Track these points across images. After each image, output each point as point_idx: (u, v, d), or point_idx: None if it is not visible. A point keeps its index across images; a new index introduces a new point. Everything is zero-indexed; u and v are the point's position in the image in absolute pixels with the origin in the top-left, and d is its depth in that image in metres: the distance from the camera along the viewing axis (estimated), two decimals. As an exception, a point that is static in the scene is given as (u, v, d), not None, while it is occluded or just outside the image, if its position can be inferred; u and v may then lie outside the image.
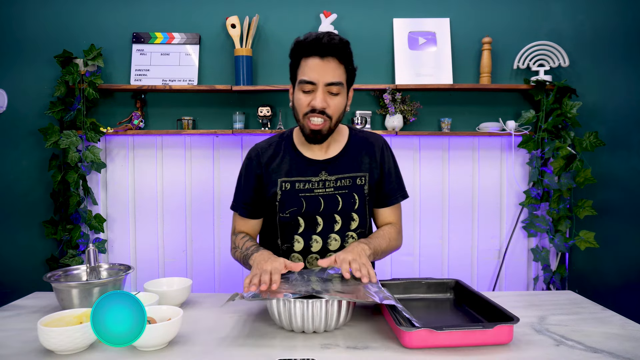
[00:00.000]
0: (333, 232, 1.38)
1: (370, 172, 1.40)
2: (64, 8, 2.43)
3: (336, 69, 1.26)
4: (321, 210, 1.36)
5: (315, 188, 1.37)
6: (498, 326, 0.98)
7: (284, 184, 1.37)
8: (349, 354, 0.97)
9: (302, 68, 1.26)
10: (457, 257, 2.57)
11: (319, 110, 1.26)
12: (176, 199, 2.54)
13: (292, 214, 1.36)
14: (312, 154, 1.39)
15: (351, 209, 1.38)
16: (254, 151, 1.43)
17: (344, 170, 1.38)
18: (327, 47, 1.23)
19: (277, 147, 1.42)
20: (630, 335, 1.06)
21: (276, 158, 1.40)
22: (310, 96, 1.27)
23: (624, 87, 2.47)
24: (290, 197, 1.37)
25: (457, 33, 2.50)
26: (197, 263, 2.56)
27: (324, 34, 1.25)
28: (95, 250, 1.29)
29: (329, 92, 1.27)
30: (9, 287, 2.42)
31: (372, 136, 1.46)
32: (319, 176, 1.37)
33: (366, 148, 1.42)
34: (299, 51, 1.27)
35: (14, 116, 2.42)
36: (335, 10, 2.44)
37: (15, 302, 1.35)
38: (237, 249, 1.38)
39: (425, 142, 2.55)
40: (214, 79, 2.48)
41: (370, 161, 1.41)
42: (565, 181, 2.35)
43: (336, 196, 1.37)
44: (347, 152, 1.40)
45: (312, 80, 1.25)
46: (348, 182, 1.38)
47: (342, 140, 1.43)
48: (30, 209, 2.45)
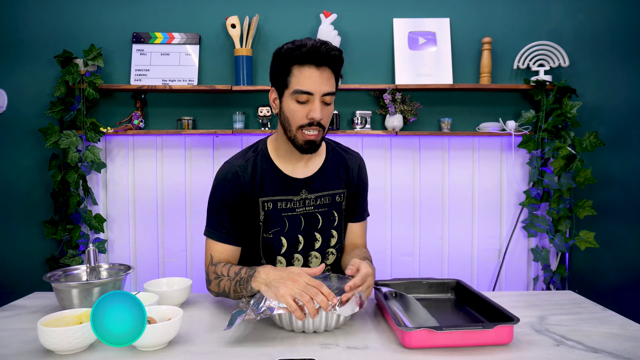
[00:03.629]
0: (314, 249, 1.36)
1: (348, 188, 1.40)
2: (64, 8, 2.43)
3: (330, 78, 1.21)
4: (301, 229, 1.33)
5: (296, 207, 1.33)
6: (498, 326, 0.98)
7: (266, 203, 1.31)
8: (349, 354, 0.97)
9: (296, 77, 1.19)
10: (457, 257, 2.57)
11: (316, 123, 1.21)
12: (176, 199, 2.54)
13: (275, 234, 1.32)
14: (291, 170, 1.33)
15: (330, 226, 1.37)
16: (230, 169, 1.31)
17: (323, 187, 1.35)
18: (325, 57, 1.18)
19: (254, 163, 1.32)
20: (630, 335, 1.06)
21: (256, 175, 1.31)
22: (306, 107, 1.21)
23: (624, 87, 2.47)
24: (273, 217, 1.31)
25: (457, 33, 2.50)
26: (197, 263, 2.56)
27: (321, 42, 1.19)
28: (95, 250, 1.29)
29: (323, 102, 1.21)
30: (9, 287, 2.42)
31: (350, 152, 1.44)
32: (299, 195, 1.33)
33: (344, 164, 1.40)
34: (290, 58, 1.19)
35: (14, 116, 2.42)
36: (335, 10, 2.44)
37: (15, 302, 1.35)
38: (222, 278, 1.20)
39: (425, 142, 2.55)
40: (214, 79, 2.48)
41: (347, 177, 1.39)
42: (565, 181, 2.35)
43: (316, 214, 1.34)
44: (326, 169, 1.37)
45: (309, 90, 1.18)
46: (327, 200, 1.36)
47: (321, 154, 1.38)
48: (30, 209, 2.45)
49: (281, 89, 1.24)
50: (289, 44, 1.20)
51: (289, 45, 1.20)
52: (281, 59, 1.21)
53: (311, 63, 1.18)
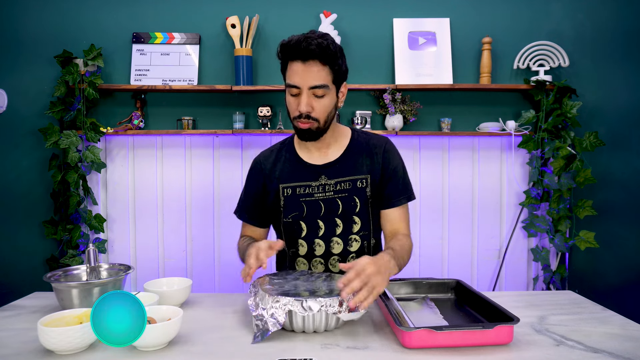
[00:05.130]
0: (335, 235, 1.38)
1: (372, 174, 1.38)
2: (64, 8, 2.43)
3: (319, 71, 1.24)
4: (322, 214, 1.37)
5: (315, 192, 1.37)
6: (498, 326, 0.98)
7: (286, 189, 1.39)
8: (349, 354, 0.97)
9: (288, 71, 1.28)
10: (457, 257, 2.57)
11: (304, 115, 1.27)
12: (176, 198, 2.54)
13: (294, 218, 1.38)
14: (311, 158, 1.40)
15: (352, 212, 1.38)
16: (255, 161, 1.47)
17: (343, 173, 1.38)
18: (307, 52, 1.22)
19: (279, 153, 1.45)
20: (630, 335, 1.06)
21: (277, 164, 1.43)
22: (297, 99, 1.28)
23: (624, 87, 2.47)
24: (292, 202, 1.38)
25: (457, 33, 2.50)
26: (197, 263, 2.56)
27: (304, 37, 1.24)
28: (95, 250, 1.29)
29: (314, 95, 1.26)
30: (9, 287, 2.42)
31: (374, 138, 1.44)
32: (318, 180, 1.38)
33: (367, 150, 1.40)
34: (284, 54, 1.28)
35: (14, 116, 2.42)
36: (335, 10, 2.44)
37: (15, 302, 1.35)
38: (239, 250, 1.42)
39: (425, 142, 2.55)
40: (214, 79, 2.48)
41: (372, 163, 1.39)
42: (565, 181, 2.35)
43: (336, 200, 1.37)
44: (347, 156, 1.39)
45: (296, 84, 1.26)
46: (348, 186, 1.38)
47: (343, 143, 1.42)
48: (31, 209, 2.45)
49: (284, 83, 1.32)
50: (284, 40, 1.28)
51: (283, 41, 1.28)
52: (280, 54, 1.30)
53: (297, 58, 1.24)
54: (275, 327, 1.01)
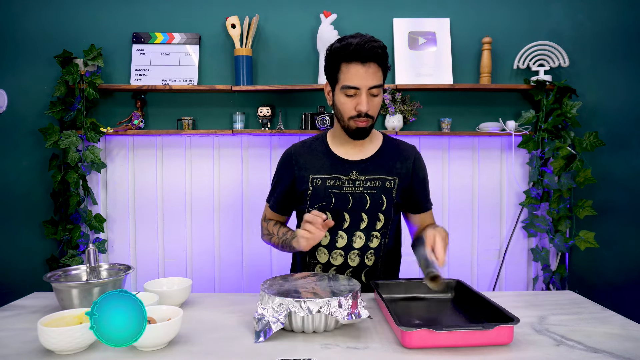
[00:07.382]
0: (359, 229, 1.43)
1: (400, 178, 1.44)
2: (64, 8, 2.43)
3: (376, 72, 1.31)
4: (349, 207, 1.41)
5: (345, 186, 1.42)
6: (498, 327, 0.98)
7: (315, 180, 1.43)
8: (349, 354, 0.97)
9: (344, 73, 1.31)
10: (457, 257, 2.57)
11: (364, 114, 1.32)
12: (176, 198, 2.54)
13: (320, 208, 1.42)
14: (344, 152, 1.45)
15: (378, 210, 1.42)
16: (287, 152, 1.51)
17: (374, 172, 1.43)
18: (369, 54, 1.28)
19: (311, 146, 1.49)
20: (630, 335, 1.06)
21: (309, 156, 1.47)
22: (354, 100, 1.32)
23: (624, 87, 2.47)
24: (320, 192, 1.42)
25: (457, 33, 2.50)
26: (197, 263, 2.56)
27: (365, 40, 1.28)
28: (95, 250, 1.29)
29: (370, 94, 1.32)
30: (9, 287, 2.42)
31: (403, 144, 1.51)
32: (349, 175, 1.42)
33: (398, 154, 1.47)
34: (338, 56, 1.31)
35: (14, 116, 2.42)
36: (335, 10, 2.44)
37: (15, 302, 1.35)
38: (273, 235, 1.49)
39: (425, 142, 2.55)
40: (214, 79, 2.48)
41: (402, 167, 1.45)
42: (565, 181, 2.35)
43: (365, 195, 1.41)
44: (379, 156, 1.45)
45: (356, 85, 1.30)
46: (377, 184, 1.42)
47: (377, 143, 1.48)
48: (30, 209, 2.45)
49: (333, 84, 1.37)
50: (337, 43, 1.33)
51: (336, 44, 1.32)
52: (331, 56, 1.34)
53: (357, 60, 1.29)
54: (276, 327, 1.02)
